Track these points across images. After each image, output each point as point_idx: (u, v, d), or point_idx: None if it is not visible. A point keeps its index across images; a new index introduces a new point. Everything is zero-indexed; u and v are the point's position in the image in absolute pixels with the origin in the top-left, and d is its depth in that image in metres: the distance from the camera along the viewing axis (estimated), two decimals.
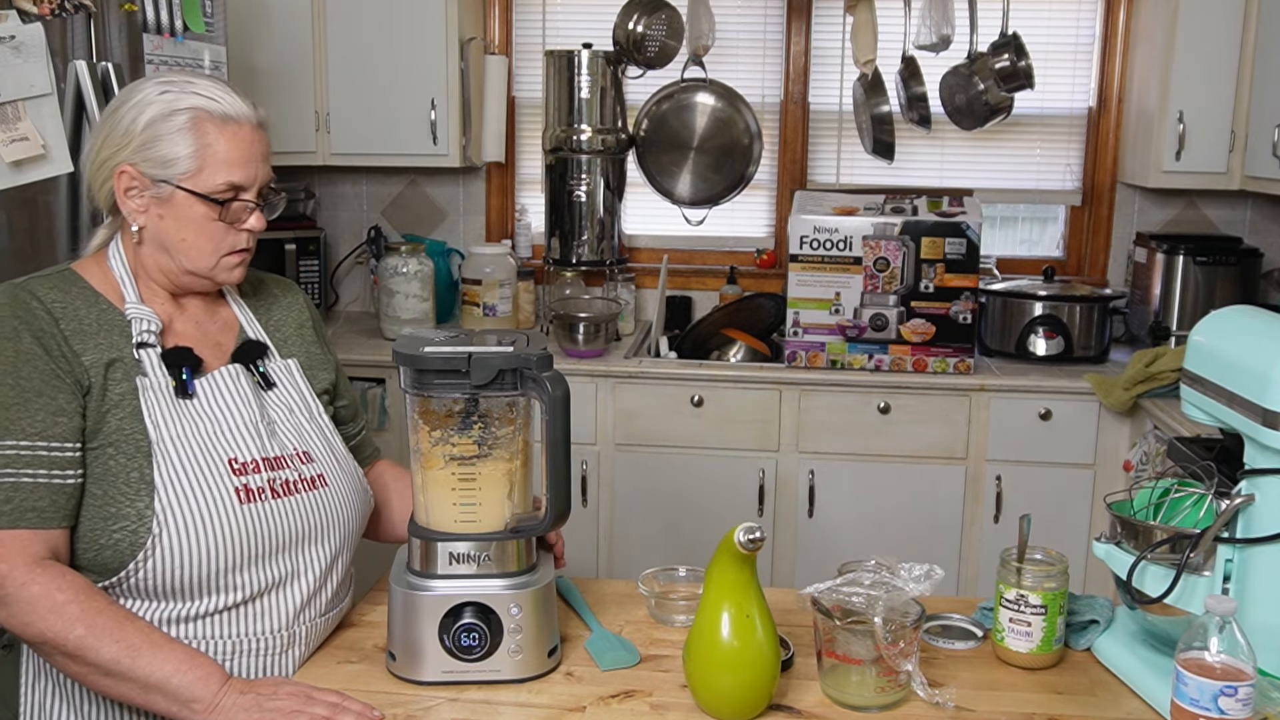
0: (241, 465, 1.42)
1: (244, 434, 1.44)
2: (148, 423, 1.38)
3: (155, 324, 1.44)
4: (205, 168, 1.42)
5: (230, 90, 1.46)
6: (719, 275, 3.71)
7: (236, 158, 1.44)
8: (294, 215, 3.70)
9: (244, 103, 1.46)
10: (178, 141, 1.40)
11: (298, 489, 1.46)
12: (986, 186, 3.64)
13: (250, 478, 1.42)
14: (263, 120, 1.50)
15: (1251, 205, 3.54)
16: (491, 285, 3.36)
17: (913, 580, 1.36)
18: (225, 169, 1.43)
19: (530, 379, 1.35)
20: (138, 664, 1.28)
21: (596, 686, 1.40)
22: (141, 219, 1.44)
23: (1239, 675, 1.16)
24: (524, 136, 3.81)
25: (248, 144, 1.46)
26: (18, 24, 2.07)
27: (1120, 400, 2.91)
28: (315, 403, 1.57)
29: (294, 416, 1.53)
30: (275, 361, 1.56)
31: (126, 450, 1.37)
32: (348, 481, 1.54)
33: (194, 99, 1.42)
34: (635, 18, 3.44)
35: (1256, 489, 1.31)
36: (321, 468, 1.51)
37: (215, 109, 1.42)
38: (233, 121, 1.44)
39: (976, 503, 3.09)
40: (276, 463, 1.46)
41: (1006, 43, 3.27)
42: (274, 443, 1.47)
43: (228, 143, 1.43)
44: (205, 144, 1.41)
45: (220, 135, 1.43)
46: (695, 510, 3.15)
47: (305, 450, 1.50)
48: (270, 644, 1.43)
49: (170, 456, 1.38)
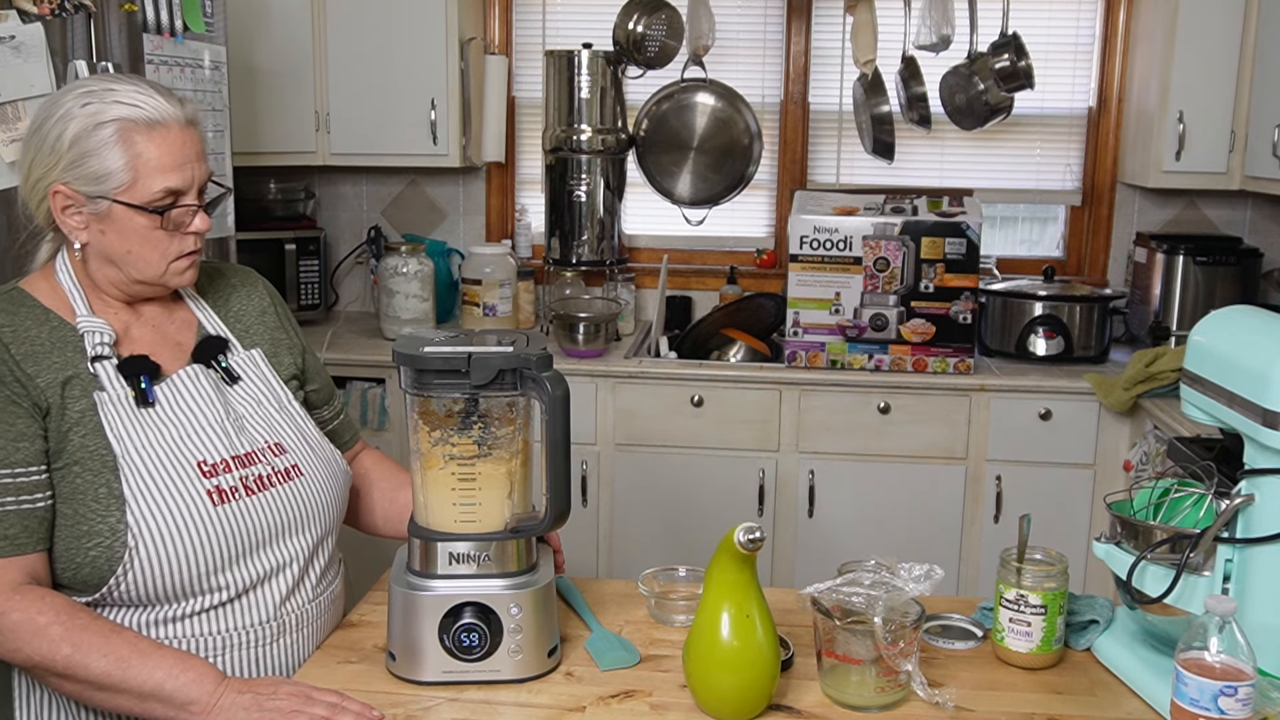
0: (211, 467, 1.41)
1: (210, 434, 1.43)
2: (110, 437, 1.36)
3: (109, 335, 1.41)
4: (139, 178, 1.38)
5: (154, 90, 1.41)
6: (719, 275, 3.71)
7: (170, 162, 1.39)
8: (294, 215, 3.71)
9: (170, 102, 1.41)
10: (107, 156, 1.36)
11: (272, 483, 1.46)
12: (986, 186, 3.64)
13: (221, 478, 1.41)
14: (191, 117, 1.44)
15: (1251, 205, 3.54)
16: (491, 285, 3.36)
17: (913, 580, 1.36)
18: (160, 176, 1.39)
19: (530, 379, 1.35)
20: (129, 675, 1.28)
21: (596, 686, 1.40)
22: (83, 235, 1.40)
23: (1239, 675, 1.16)
24: (524, 136, 3.81)
25: (179, 146, 1.41)
26: (18, 24, 2.07)
27: (1120, 400, 2.91)
28: (283, 391, 1.55)
29: (262, 408, 1.51)
30: (238, 354, 1.54)
31: (92, 467, 1.35)
32: (323, 467, 1.53)
33: (118, 108, 1.37)
34: (635, 18, 3.43)
35: (1256, 489, 1.31)
36: (295, 457, 1.50)
37: (141, 116, 1.37)
38: (160, 126, 1.39)
39: (976, 503, 3.09)
40: (247, 459, 1.44)
41: (1006, 43, 3.27)
42: (243, 439, 1.46)
43: (159, 149, 1.38)
44: (136, 154, 1.37)
45: (150, 142, 1.38)
46: (695, 510, 3.15)
47: (277, 442, 1.49)
48: (260, 635, 1.44)
49: (137, 468, 1.36)
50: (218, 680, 1.30)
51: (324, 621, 1.54)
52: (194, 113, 1.45)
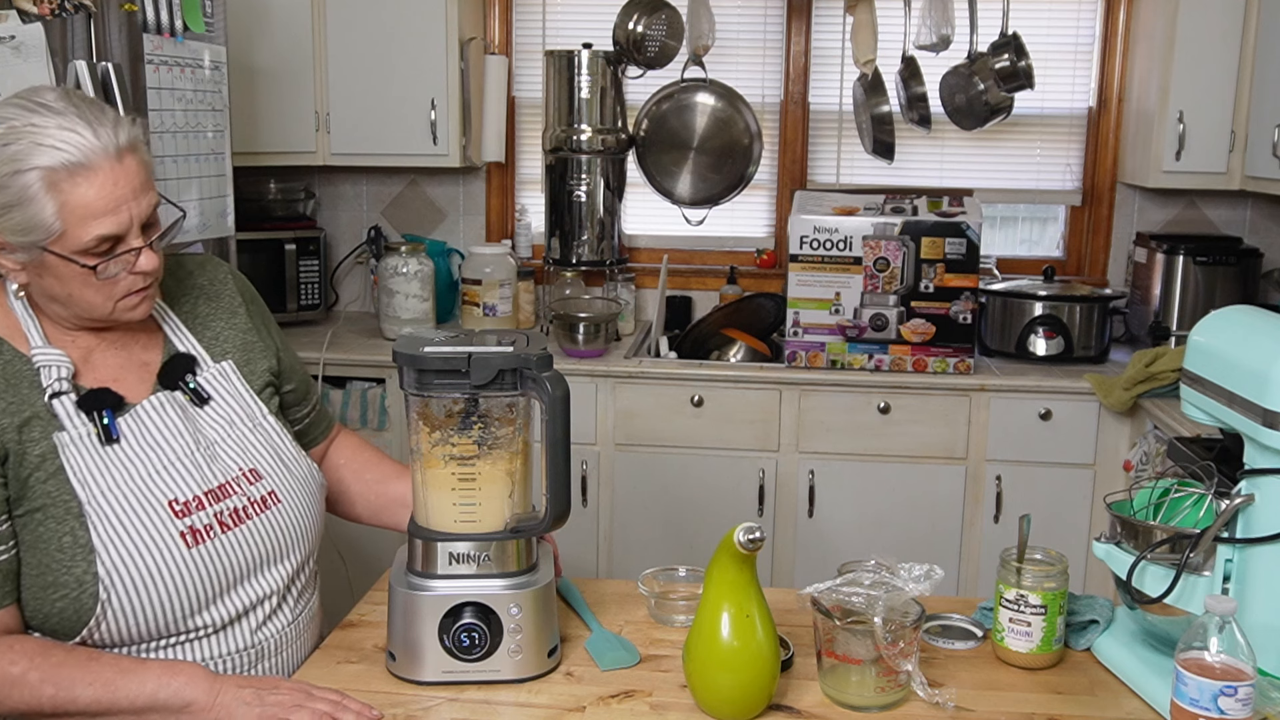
0: (183, 505, 1.34)
1: (181, 469, 1.36)
2: (74, 483, 1.28)
3: (67, 369, 1.32)
4: (70, 228, 1.25)
5: (84, 119, 1.26)
6: (719, 275, 3.71)
7: (102, 207, 1.26)
8: (294, 215, 3.71)
9: (100, 135, 1.26)
10: (32, 207, 1.24)
11: (248, 514, 1.40)
12: (986, 186, 3.64)
13: (195, 517, 1.35)
14: (129, 143, 1.29)
15: (1251, 205, 3.54)
16: (491, 285, 3.36)
17: (913, 580, 1.36)
18: (93, 223, 1.26)
19: (530, 379, 1.35)
20: (119, 695, 1.25)
21: (596, 686, 1.40)
22: (20, 277, 1.32)
23: (1239, 675, 1.16)
24: (524, 136, 3.81)
25: (111, 188, 1.26)
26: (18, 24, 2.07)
27: (1120, 400, 2.91)
28: (257, 406, 1.48)
29: (235, 430, 1.44)
30: (208, 370, 1.46)
31: (55, 514, 1.28)
32: (300, 488, 1.48)
33: (40, 154, 1.23)
34: (635, 18, 3.43)
35: (1256, 489, 1.31)
36: (272, 483, 1.44)
37: (66, 160, 1.24)
38: (87, 169, 1.25)
39: (976, 503, 3.09)
40: (221, 492, 1.38)
41: (1006, 43, 3.27)
42: (215, 469, 1.39)
43: (89, 194, 1.25)
44: (63, 203, 1.24)
45: (78, 189, 1.25)
46: (695, 510, 3.15)
47: (252, 468, 1.43)
48: (239, 661, 1.41)
49: (106, 515, 1.29)
50: (210, 678, 1.28)
51: (303, 642, 1.51)
52: (134, 137, 1.30)
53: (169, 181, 2.43)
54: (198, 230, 2.55)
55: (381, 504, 1.67)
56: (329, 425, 1.71)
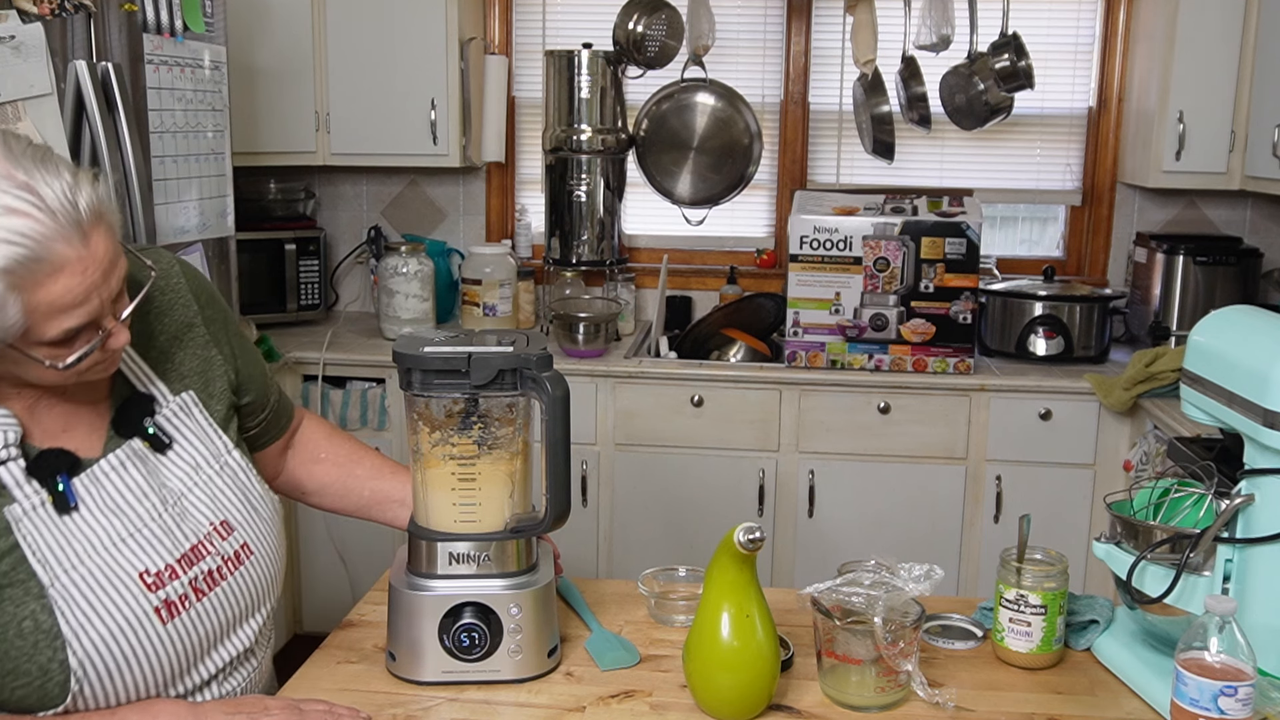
0: (155, 576, 1.21)
1: (149, 535, 1.23)
2: (33, 562, 1.14)
3: (15, 432, 1.17)
4: (33, 324, 1.10)
5: (36, 190, 1.07)
6: (719, 275, 3.71)
7: (71, 301, 1.10)
8: (294, 215, 3.71)
9: (64, 216, 1.08)
10: None
11: (222, 575, 1.28)
12: (986, 186, 3.64)
13: (169, 589, 1.22)
14: (96, 209, 1.11)
15: (1251, 205, 3.54)
16: (491, 285, 3.36)
17: (913, 580, 1.36)
18: (61, 318, 1.11)
19: (530, 379, 1.35)
20: None
21: (596, 686, 1.40)
22: None
23: (1239, 675, 1.16)
24: (524, 136, 3.81)
25: (81, 277, 1.10)
26: (18, 24, 2.07)
27: (1120, 400, 2.91)
28: (221, 441, 1.36)
29: (201, 474, 1.32)
30: (167, 406, 1.31)
31: (13, 596, 1.13)
32: (269, 530, 1.37)
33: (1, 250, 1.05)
34: (635, 18, 3.43)
35: (1256, 489, 1.31)
36: (244, 534, 1.33)
37: (30, 256, 1.06)
38: (52, 263, 1.08)
39: (976, 503, 3.09)
40: (194, 555, 1.26)
41: (1006, 43, 3.27)
42: (185, 529, 1.26)
43: (58, 291, 1.09)
44: (27, 301, 1.08)
45: (44, 287, 1.09)
46: (695, 510, 3.15)
47: (223, 520, 1.31)
48: None
49: (73, 598, 1.15)
50: (191, 709, 1.22)
51: (265, 682, 1.43)
52: (96, 201, 1.12)
53: (169, 181, 2.43)
54: (198, 230, 2.55)
55: (375, 500, 1.60)
56: (289, 415, 1.58)
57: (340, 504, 1.63)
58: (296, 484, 1.62)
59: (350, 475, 1.61)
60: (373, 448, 1.68)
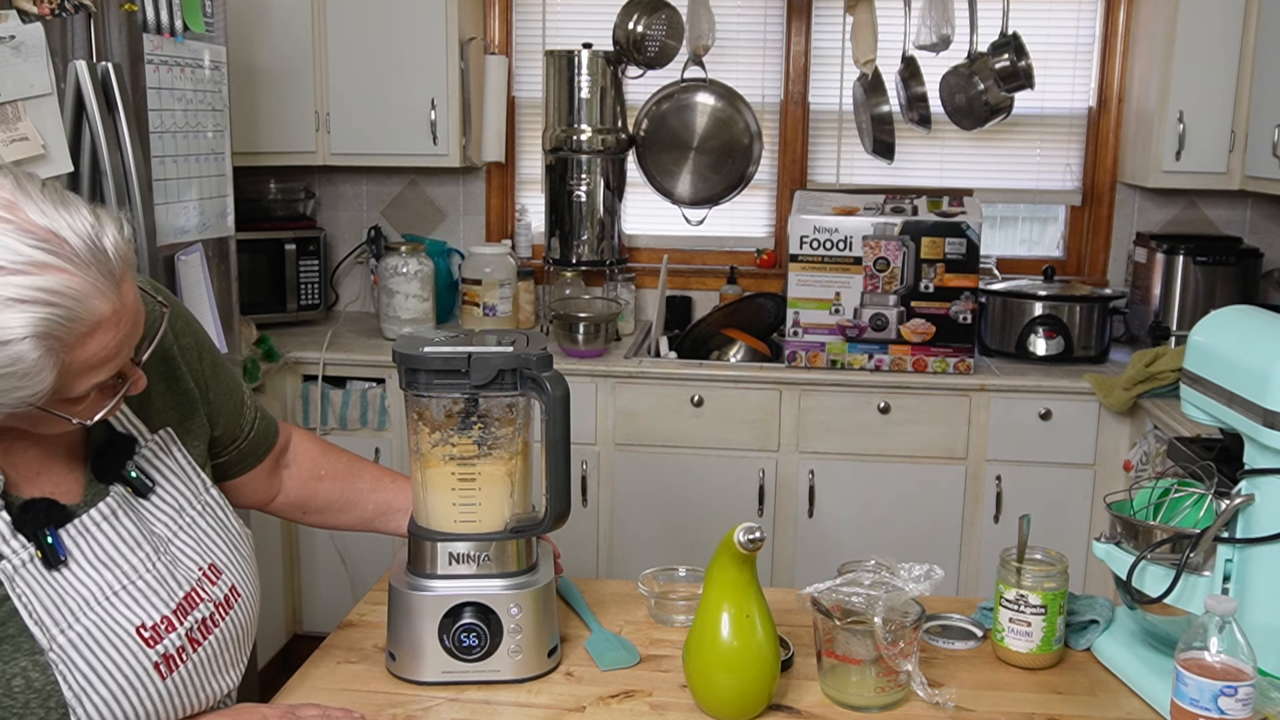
0: (152, 630, 1.15)
1: (144, 587, 1.16)
2: (28, 622, 1.07)
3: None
4: (65, 384, 1.04)
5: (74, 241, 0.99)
6: (719, 275, 3.71)
7: (104, 359, 1.05)
8: (294, 215, 3.71)
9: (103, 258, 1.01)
10: (26, 381, 1.00)
11: (215, 622, 1.23)
12: (986, 186, 3.64)
13: (167, 642, 1.16)
14: (123, 254, 1.04)
15: (1251, 205, 3.54)
16: (491, 285, 3.36)
17: (913, 580, 1.36)
18: (90, 376, 1.05)
19: (530, 379, 1.35)
20: None
21: (596, 686, 1.40)
22: None
23: (1239, 675, 1.16)
24: (524, 136, 3.81)
25: (114, 333, 1.04)
26: (18, 24, 2.07)
27: (1120, 400, 2.91)
28: (199, 479, 1.30)
29: (185, 516, 1.26)
30: (147, 446, 1.25)
31: (3, 653, 1.06)
32: (249, 568, 1.32)
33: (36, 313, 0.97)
34: (635, 18, 3.43)
35: (1256, 489, 1.31)
36: (231, 575, 1.27)
37: (68, 316, 0.99)
38: (92, 323, 1.01)
39: (976, 503, 3.09)
40: (188, 604, 1.20)
41: (1006, 43, 3.27)
42: (178, 577, 1.20)
43: (94, 349, 1.03)
44: (63, 366, 1.01)
45: (81, 347, 1.02)
46: (695, 510, 3.15)
47: (211, 563, 1.25)
48: None
49: (72, 661, 1.09)
50: None
51: None
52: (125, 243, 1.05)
53: (169, 181, 2.43)
54: (198, 230, 2.55)
55: (379, 512, 1.59)
56: (271, 437, 1.51)
57: (344, 520, 1.61)
58: (300, 503, 1.58)
59: (353, 490, 1.59)
60: (368, 459, 1.67)
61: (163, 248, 2.38)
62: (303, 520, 1.61)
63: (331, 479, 1.58)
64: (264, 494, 1.54)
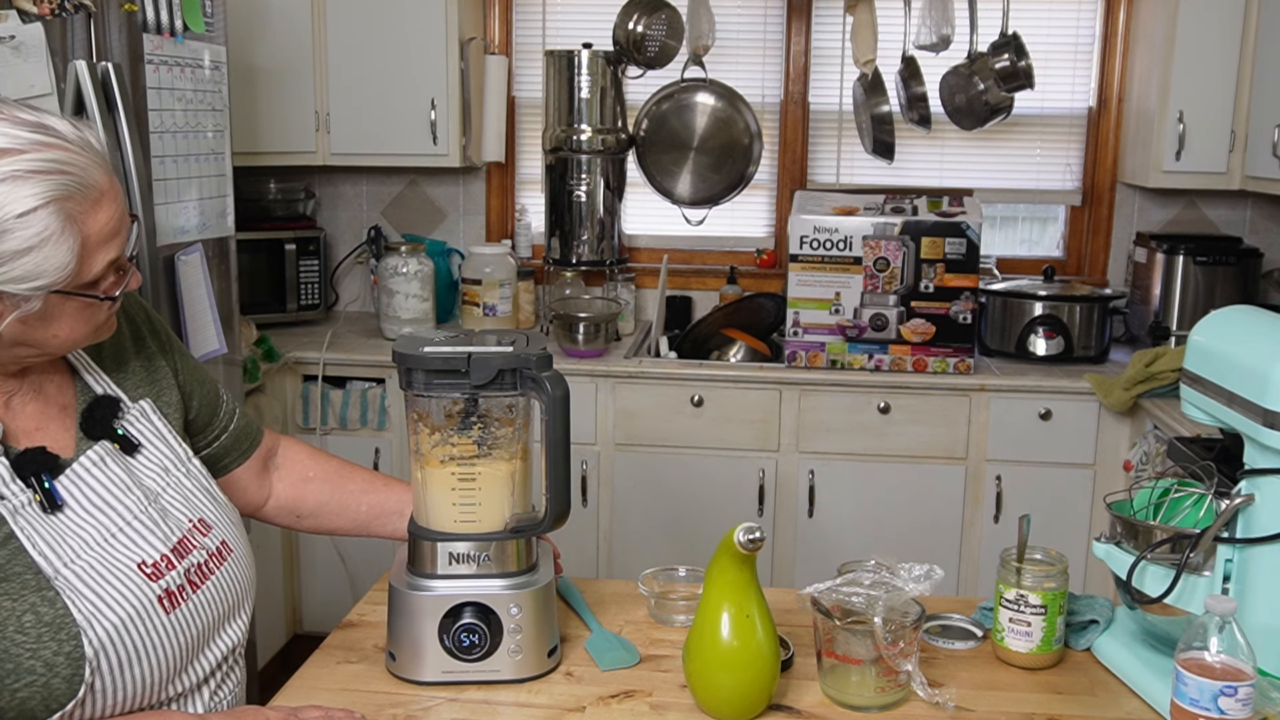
0: (153, 567, 1.20)
1: (140, 528, 1.21)
2: (34, 555, 1.11)
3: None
4: (83, 262, 1.11)
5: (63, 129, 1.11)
6: (719, 275, 3.71)
7: (111, 230, 1.13)
8: (294, 215, 3.71)
9: (95, 144, 1.13)
10: (48, 250, 1.07)
11: (210, 569, 1.27)
12: (986, 186, 3.64)
13: (168, 578, 1.20)
14: (104, 145, 1.15)
15: (1251, 205, 3.54)
16: (491, 285, 3.36)
17: (913, 580, 1.36)
18: (104, 251, 1.13)
19: (530, 379, 1.35)
20: None
21: (596, 686, 1.40)
22: None
23: (1239, 675, 1.16)
24: (524, 136, 3.81)
25: (115, 206, 1.13)
26: (18, 24, 2.07)
27: (1120, 400, 2.91)
28: (181, 448, 1.34)
29: (171, 477, 1.30)
30: (129, 411, 1.30)
31: (9, 590, 1.09)
32: (239, 531, 1.36)
33: (50, 181, 1.06)
34: (635, 18, 3.44)
35: (1256, 489, 1.31)
36: (221, 531, 1.31)
37: (78, 183, 1.09)
38: (97, 191, 1.11)
39: (976, 503, 3.09)
40: (182, 548, 1.24)
41: (1006, 43, 3.27)
42: (170, 524, 1.25)
43: (103, 220, 1.12)
44: (82, 237, 1.10)
45: (92, 216, 1.11)
46: (695, 510, 3.15)
47: (200, 518, 1.29)
48: None
49: (79, 590, 1.13)
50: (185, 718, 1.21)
51: (243, 686, 1.41)
52: (100, 144, 1.15)
53: (169, 181, 2.43)
54: (198, 230, 2.55)
55: (373, 515, 1.59)
56: (254, 437, 1.54)
57: (337, 522, 1.61)
58: (290, 506, 1.59)
59: (344, 491, 1.59)
60: (361, 464, 1.66)
61: (163, 248, 2.38)
62: (298, 525, 1.61)
63: (321, 480, 1.59)
64: (255, 496, 1.55)
